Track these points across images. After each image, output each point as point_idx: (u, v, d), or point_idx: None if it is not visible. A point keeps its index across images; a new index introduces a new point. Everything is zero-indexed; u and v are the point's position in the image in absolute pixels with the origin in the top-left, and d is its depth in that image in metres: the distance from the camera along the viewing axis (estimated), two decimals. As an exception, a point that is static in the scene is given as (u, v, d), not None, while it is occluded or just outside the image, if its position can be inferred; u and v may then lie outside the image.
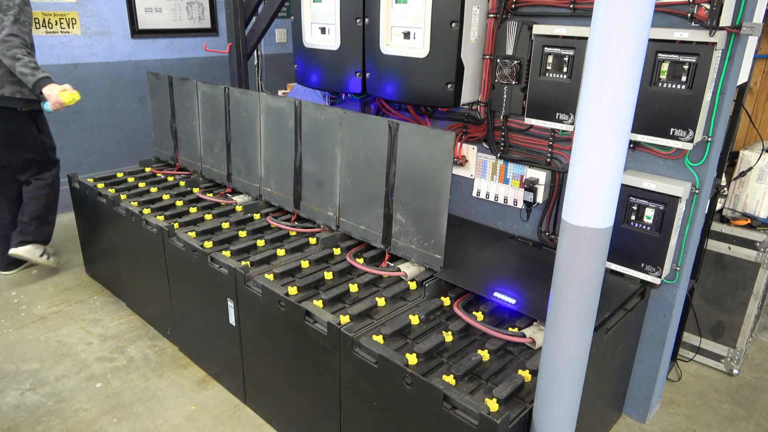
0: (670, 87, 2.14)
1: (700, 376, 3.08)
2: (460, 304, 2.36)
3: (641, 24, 1.33)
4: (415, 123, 3.06)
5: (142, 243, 3.18)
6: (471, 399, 1.79)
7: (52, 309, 3.57)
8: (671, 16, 2.17)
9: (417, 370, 1.92)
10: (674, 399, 2.88)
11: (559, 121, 2.45)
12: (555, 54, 2.39)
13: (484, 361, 2.04)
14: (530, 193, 2.70)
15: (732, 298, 3.01)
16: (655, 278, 2.36)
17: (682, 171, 2.32)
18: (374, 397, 2.09)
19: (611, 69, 1.36)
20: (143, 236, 3.13)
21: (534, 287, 2.37)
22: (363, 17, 2.80)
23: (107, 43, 5.10)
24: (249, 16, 4.12)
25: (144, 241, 3.15)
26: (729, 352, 3.07)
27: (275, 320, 2.42)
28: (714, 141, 2.22)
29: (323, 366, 2.26)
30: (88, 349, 3.17)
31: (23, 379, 2.92)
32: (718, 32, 2.03)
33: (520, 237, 2.90)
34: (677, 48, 2.09)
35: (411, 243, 2.56)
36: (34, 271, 4.03)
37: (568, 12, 2.42)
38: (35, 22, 4.62)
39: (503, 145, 2.81)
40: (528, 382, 1.94)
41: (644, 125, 2.21)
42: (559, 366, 1.69)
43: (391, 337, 2.13)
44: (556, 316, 1.66)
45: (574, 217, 1.52)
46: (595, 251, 1.55)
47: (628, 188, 2.32)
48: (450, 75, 2.56)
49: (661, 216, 2.28)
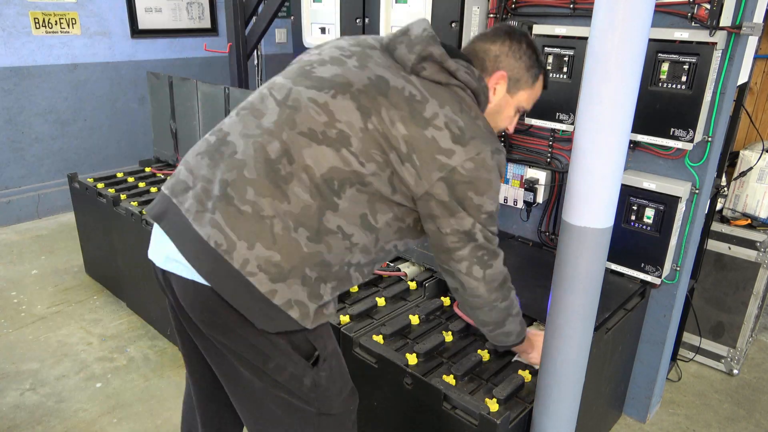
0: (670, 87, 2.14)
1: (700, 376, 3.08)
2: (460, 304, 2.36)
3: (641, 24, 1.33)
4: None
5: (142, 243, 3.16)
6: (471, 399, 1.79)
7: (52, 309, 3.57)
8: (671, 16, 2.17)
9: (417, 370, 1.92)
10: (674, 399, 2.88)
11: (559, 121, 2.45)
12: (555, 54, 2.39)
13: (484, 361, 2.04)
14: (530, 193, 2.70)
15: (732, 298, 3.01)
16: (655, 278, 2.36)
17: (682, 171, 2.32)
18: (374, 397, 2.09)
19: (611, 69, 1.36)
20: (143, 236, 3.13)
21: (534, 287, 2.37)
22: (363, 17, 2.80)
23: (107, 43, 5.10)
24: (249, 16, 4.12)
25: (144, 241, 3.12)
26: (729, 352, 3.07)
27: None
28: (714, 141, 2.22)
29: (323, 366, 2.26)
30: (88, 349, 3.17)
31: (23, 379, 2.92)
32: (718, 32, 2.02)
33: (520, 237, 2.90)
34: (677, 48, 2.09)
35: (411, 243, 2.56)
36: (34, 271, 4.03)
37: (568, 12, 2.42)
38: (35, 21, 4.63)
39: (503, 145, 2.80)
40: (528, 382, 1.94)
41: (644, 125, 2.21)
42: (560, 366, 1.69)
43: (391, 337, 2.13)
44: (556, 316, 1.66)
45: (574, 217, 1.52)
46: (595, 251, 1.55)
47: (628, 188, 2.32)
48: (450, 75, 2.56)
49: (661, 216, 2.28)
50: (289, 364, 1.42)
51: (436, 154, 1.36)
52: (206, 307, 1.37)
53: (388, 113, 1.36)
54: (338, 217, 1.36)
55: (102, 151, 5.30)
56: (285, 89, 1.43)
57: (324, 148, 1.34)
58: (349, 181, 1.35)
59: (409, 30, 1.49)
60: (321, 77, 1.41)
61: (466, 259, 1.50)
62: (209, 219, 1.32)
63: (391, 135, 1.35)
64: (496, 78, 1.57)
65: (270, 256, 1.30)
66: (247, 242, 1.30)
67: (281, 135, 1.35)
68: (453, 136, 1.37)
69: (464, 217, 1.43)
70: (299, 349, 1.43)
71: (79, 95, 5.04)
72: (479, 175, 1.39)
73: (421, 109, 1.37)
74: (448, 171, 1.36)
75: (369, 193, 1.38)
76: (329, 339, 1.50)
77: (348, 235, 1.38)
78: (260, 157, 1.34)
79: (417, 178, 1.37)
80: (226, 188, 1.33)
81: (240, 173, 1.34)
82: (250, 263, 1.30)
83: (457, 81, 1.45)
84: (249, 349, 1.40)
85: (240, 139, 1.39)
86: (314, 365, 1.46)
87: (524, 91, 1.64)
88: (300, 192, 1.32)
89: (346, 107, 1.36)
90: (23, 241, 4.57)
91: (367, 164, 1.35)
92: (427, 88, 1.41)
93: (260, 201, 1.31)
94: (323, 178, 1.33)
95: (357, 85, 1.38)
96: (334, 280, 1.42)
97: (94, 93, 5.13)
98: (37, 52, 4.73)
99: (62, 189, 5.02)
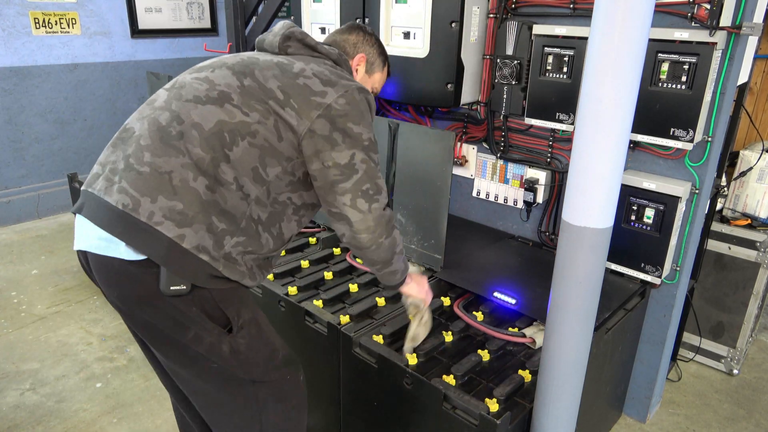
0: (670, 87, 2.14)
1: (700, 376, 3.08)
2: (460, 304, 2.36)
3: (641, 24, 1.33)
4: (415, 123, 3.06)
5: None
6: (471, 399, 1.79)
7: (52, 309, 3.57)
8: (671, 16, 2.17)
9: (417, 371, 1.92)
10: (674, 399, 2.88)
11: (559, 121, 2.45)
12: (555, 54, 2.39)
13: (484, 361, 2.04)
14: (530, 193, 2.70)
15: (732, 298, 3.01)
16: (655, 278, 2.36)
17: (682, 171, 2.32)
18: (374, 398, 2.09)
19: (611, 69, 1.36)
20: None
21: (534, 287, 2.37)
22: (363, 17, 2.80)
23: (107, 43, 5.10)
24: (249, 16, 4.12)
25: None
26: (729, 352, 3.07)
27: (275, 320, 2.42)
28: (714, 141, 2.22)
29: (323, 366, 2.26)
30: (88, 349, 3.17)
31: (23, 379, 2.92)
32: (718, 32, 2.03)
33: (520, 237, 2.90)
34: (677, 48, 2.09)
35: (411, 243, 2.56)
36: (34, 271, 4.04)
37: (568, 12, 2.43)
38: (35, 21, 4.63)
39: (503, 145, 2.81)
40: (528, 382, 1.94)
41: (644, 125, 2.21)
42: (560, 366, 1.69)
43: (391, 337, 2.13)
44: (556, 316, 1.66)
45: (574, 217, 1.52)
46: (595, 251, 1.55)
47: (628, 188, 2.32)
48: (450, 75, 2.57)
49: (661, 216, 2.28)
50: (205, 333, 1.54)
51: (311, 97, 1.57)
52: (120, 279, 1.50)
53: (262, 73, 1.59)
54: (231, 168, 1.50)
55: (102, 151, 5.30)
56: (172, 81, 1.67)
57: (209, 106, 1.53)
58: (239, 132, 1.51)
59: (272, 29, 1.77)
60: (201, 66, 1.68)
61: (350, 191, 1.62)
62: (117, 188, 1.47)
63: (266, 88, 1.56)
64: (358, 59, 1.89)
65: (173, 205, 1.44)
66: (150, 197, 1.44)
67: (170, 106, 1.55)
68: (322, 81, 1.60)
69: (344, 149, 1.59)
70: (213, 317, 1.55)
71: (79, 95, 5.04)
72: (352, 108, 1.60)
73: (289, 67, 1.61)
74: (324, 108, 1.56)
75: (259, 147, 1.53)
76: (244, 307, 1.62)
77: (240, 186, 1.52)
78: (153, 127, 1.53)
79: (299, 118, 1.55)
80: (128, 159, 1.50)
81: (137, 144, 1.51)
82: (155, 215, 1.43)
83: (318, 53, 1.73)
84: (167, 321, 1.52)
85: (137, 122, 1.58)
86: (230, 333, 1.58)
87: (378, 73, 1.98)
88: (191, 147, 1.48)
89: (224, 75, 1.59)
90: (23, 241, 4.58)
91: (251, 113, 1.53)
92: (294, 58, 1.67)
93: (157, 160, 1.47)
94: (212, 132, 1.50)
95: (231, 62, 1.63)
96: (242, 235, 1.54)
97: (94, 93, 5.13)
98: (37, 52, 4.73)
99: (62, 189, 5.03)
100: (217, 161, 1.49)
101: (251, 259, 1.59)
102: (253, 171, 1.53)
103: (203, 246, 1.46)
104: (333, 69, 1.67)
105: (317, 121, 1.56)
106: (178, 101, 1.55)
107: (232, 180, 1.50)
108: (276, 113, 1.55)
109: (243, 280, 1.57)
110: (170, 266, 1.44)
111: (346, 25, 1.95)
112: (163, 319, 1.52)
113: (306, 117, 1.55)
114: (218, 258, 1.49)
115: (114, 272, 1.49)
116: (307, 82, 1.58)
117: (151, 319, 1.53)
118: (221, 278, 1.52)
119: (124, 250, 1.45)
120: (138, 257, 1.45)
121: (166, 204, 1.44)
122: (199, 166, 1.47)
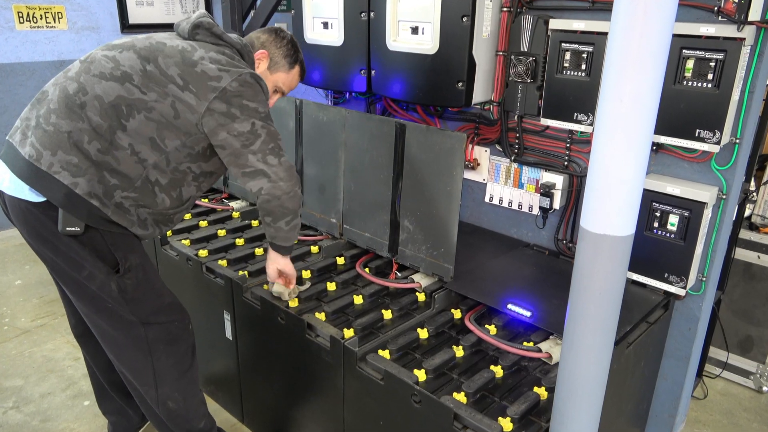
0: (695, 85, 2.14)
1: (728, 393, 3.08)
2: (471, 317, 2.37)
3: (665, 18, 1.33)
4: (424, 124, 3.07)
5: (133, 251, 3.19)
6: (483, 418, 1.80)
7: (36, 322, 3.58)
8: (697, 10, 2.18)
9: (426, 388, 1.93)
10: (700, 418, 2.88)
11: (578, 122, 2.46)
12: (573, 50, 2.40)
13: (498, 377, 2.05)
14: (546, 199, 2.71)
15: (761, 310, 3.01)
16: (679, 289, 2.36)
17: (708, 175, 2.32)
18: (380, 416, 2.09)
19: (633, 66, 1.37)
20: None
21: (550, 299, 2.38)
22: (368, 11, 2.82)
23: (96, 38, 5.14)
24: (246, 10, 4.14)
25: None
26: (758, 368, 3.06)
27: (274, 334, 2.43)
28: (742, 143, 2.23)
29: (326, 383, 2.26)
30: (75, 365, 3.18)
31: (6, 397, 2.94)
32: (746, 27, 2.03)
33: (536, 245, 2.90)
34: (703, 44, 2.10)
35: (419, 252, 2.57)
36: (18, 282, 4.05)
37: (587, 5, 2.44)
38: (18, 16, 4.67)
39: (518, 148, 2.81)
40: (544, 399, 1.95)
41: (668, 126, 2.22)
42: (578, 383, 1.69)
43: (398, 352, 2.14)
44: (574, 330, 1.66)
45: (594, 224, 1.52)
46: (616, 260, 1.55)
47: (650, 193, 2.32)
48: (461, 72, 2.58)
49: (685, 223, 2.28)
50: (96, 271, 1.98)
51: (208, 82, 1.94)
52: (27, 218, 1.94)
53: (164, 60, 1.95)
54: (128, 136, 1.92)
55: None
56: (86, 54, 2.04)
57: (111, 83, 1.92)
58: (136, 107, 1.91)
59: (190, 16, 2.11)
60: (114, 44, 2.04)
61: (259, 150, 2.02)
62: (29, 142, 1.91)
63: (167, 74, 1.93)
64: (260, 54, 2.24)
65: (69, 159, 1.88)
66: (51, 151, 1.88)
67: (79, 79, 1.94)
68: (218, 68, 1.96)
69: (244, 120, 1.98)
70: (103, 258, 1.99)
71: (66, 94, 5.06)
72: (246, 89, 1.98)
73: (190, 55, 1.97)
74: (220, 91, 1.94)
75: (156, 121, 1.93)
76: (132, 253, 2.06)
77: (136, 152, 1.94)
78: (62, 94, 1.93)
79: (197, 99, 1.93)
80: (39, 119, 1.93)
81: (48, 107, 1.94)
82: (54, 165, 1.87)
83: (223, 42, 2.09)
84: (66, 260, 1.96)
85: (51, 87, 1.99)
86: (117, 273, 2.01)
87: (282, 73, 2.31)
88: (92, 115, 1.90)
89: (130, 57, 1.96)
90: (6, 249, 4.60)
91: (149, 93, 1.92)
92: (198, 45, 2.02)
93: (60, 122, 1.90)
94: (111, 104, 1.91)
95: (139, 46, 1.99)
96: (135, 192, 1.97)
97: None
98: (21, 48, 4.77)
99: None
100: (113, 129, 1.90)
101: (147, 212, 2.03)
102: (150, 141, 1.95)
103: (94, 193, 1.89)
104: (231, 58, 2.04)
105: (214, 101, 1.94)
106: (87, 75, 1.94)
107: (126, 146, 1.92)
108: (174, 95, 1.93)
109: (131, 228, 2.01)
110: (65, 208, 1.87)
111: (265, 27, 2.34)
112: (63, 258, 1.96)
113: (204, 99, 1.93)
114: (108, 205, 1.92)
115: (21, 212, 1.94)
116: (204, 68, 1.95)
117: (54, 256, 1.97)
118: (112, 222, 1.95)
119: (29, 193, 1.90)
120: (40, 199, 1.89)
121: (64, 157, 1.87)
122: (97, 131, 1.89)
